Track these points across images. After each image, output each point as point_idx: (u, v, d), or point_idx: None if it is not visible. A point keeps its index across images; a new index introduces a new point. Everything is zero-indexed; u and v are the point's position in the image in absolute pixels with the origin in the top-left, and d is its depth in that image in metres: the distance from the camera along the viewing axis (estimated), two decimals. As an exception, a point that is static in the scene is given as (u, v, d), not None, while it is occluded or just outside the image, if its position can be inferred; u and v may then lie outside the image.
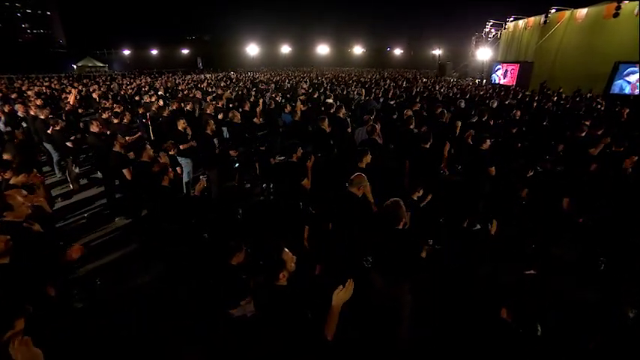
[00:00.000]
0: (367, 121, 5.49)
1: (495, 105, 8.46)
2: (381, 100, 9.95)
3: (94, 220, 5.56)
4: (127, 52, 53.87)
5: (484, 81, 25.74)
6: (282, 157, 5.60)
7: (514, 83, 21.50)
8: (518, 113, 6.95)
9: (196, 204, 4.15)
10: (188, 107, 8.46)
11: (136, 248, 4.70)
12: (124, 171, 4.14)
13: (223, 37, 67.20)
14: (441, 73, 36.32)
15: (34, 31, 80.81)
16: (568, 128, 6.17)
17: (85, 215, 5.65)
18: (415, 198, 4.22)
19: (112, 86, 17.38)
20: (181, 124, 5.91)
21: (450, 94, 12.34)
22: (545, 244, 4.47)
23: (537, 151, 6.26)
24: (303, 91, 12.09)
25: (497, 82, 24.06)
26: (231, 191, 6.48)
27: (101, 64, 46.06)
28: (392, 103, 8.78)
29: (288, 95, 11.22)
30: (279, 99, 10.18)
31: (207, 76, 27.87)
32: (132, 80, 21.01)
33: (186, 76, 29.89)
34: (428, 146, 4.65)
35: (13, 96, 12.13)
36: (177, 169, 6.22)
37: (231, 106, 8.56)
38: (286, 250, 1.95)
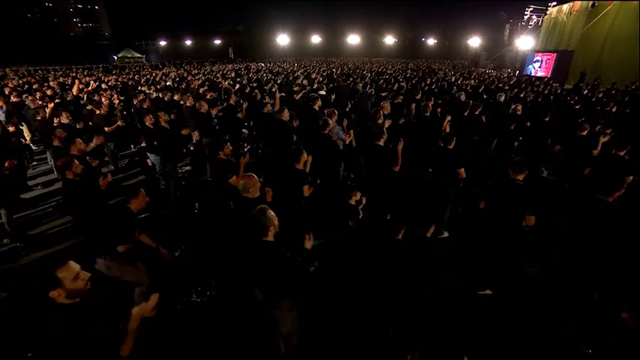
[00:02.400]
0: (330, 114, 5.00)
1: (503, 99, 7.54)
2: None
3: (61, 209, 5.68)
4: (163, 43, 56.00)
5: (517, 72, 23.60)
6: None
7: (549, 74, 19.49)
8: (519, 107, 6.10)
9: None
10: (176, 97, 8.44)
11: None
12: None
13: (256, 27, 67.83)
14: (475, 64, 34.02)
15: (84, 25, 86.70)
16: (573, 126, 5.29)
17: (53, 204, 5.78)
18: (353, 202, 3.78)
19: (136, 77, 18.00)
20: (148, 120, 5.76)
21: (464, 87, 11.31)
22: (514, 259, 3.82)
23: (534, 150, 5.46)
24: (305, 82, 11.66)
25: (532, 73, 21.98)
26: (195, 185, 6.33)
27: (139, 55, 48.14)
28: (383, 94, 8.13)
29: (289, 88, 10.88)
30: (274, 90, 9.89)
31: (230, 66, 28.12)
32: (151, 71, 21.70)
33: (212, 66, 30.42)
34: (381, 143, 4.13)
35: (35, 86, 12.89)
36: (148, 160, 6.24)
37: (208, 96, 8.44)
38: (71, 264, 1.70)
